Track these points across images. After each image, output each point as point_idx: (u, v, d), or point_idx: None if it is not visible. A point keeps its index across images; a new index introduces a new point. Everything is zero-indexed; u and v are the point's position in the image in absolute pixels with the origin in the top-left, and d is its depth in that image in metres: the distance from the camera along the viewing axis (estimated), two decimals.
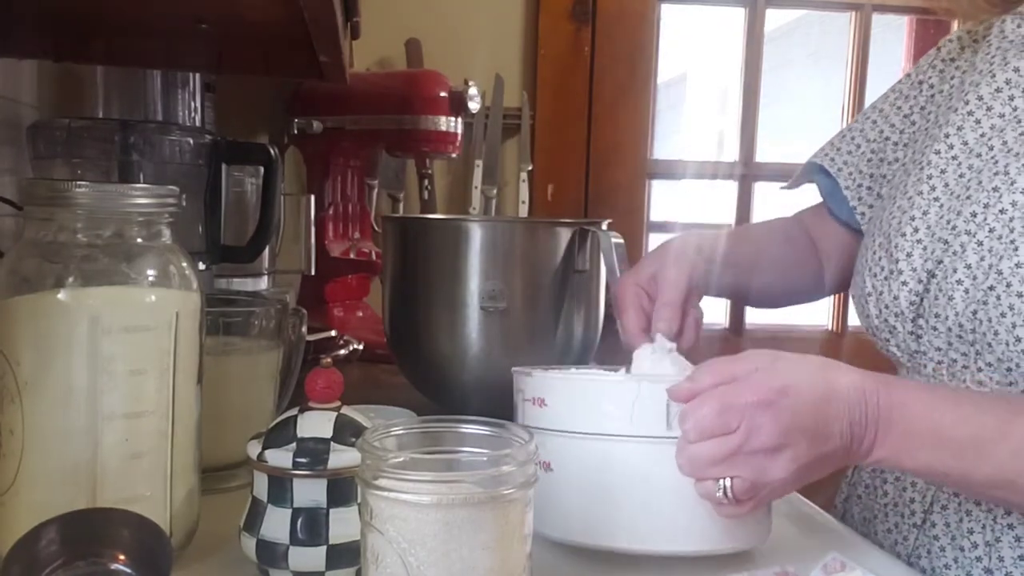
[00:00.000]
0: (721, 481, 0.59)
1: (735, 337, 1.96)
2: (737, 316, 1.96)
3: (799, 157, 1.02)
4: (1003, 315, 0.69)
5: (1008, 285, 0.69)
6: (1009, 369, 0.71)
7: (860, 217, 0.93)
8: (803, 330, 2.03)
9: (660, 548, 0.64)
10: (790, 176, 1.02)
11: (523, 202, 1.78)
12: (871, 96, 1.95)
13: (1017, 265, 0.69)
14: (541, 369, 0.71)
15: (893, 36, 2.02)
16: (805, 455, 0.60)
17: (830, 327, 2.01)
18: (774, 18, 1.93)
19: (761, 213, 1.96)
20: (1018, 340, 0.69)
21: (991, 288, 0.70)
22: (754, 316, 1.99)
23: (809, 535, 0.76)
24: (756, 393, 0.59)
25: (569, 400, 0.66)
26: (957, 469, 0.63)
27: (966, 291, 0.73)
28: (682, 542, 0.64)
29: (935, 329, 0.76)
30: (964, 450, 0.62)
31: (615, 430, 0.64)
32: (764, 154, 1.94)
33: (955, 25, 1.93)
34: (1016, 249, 0.70)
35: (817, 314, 2.03)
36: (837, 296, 1.98)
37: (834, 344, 1.96)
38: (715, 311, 2.00)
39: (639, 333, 0.83)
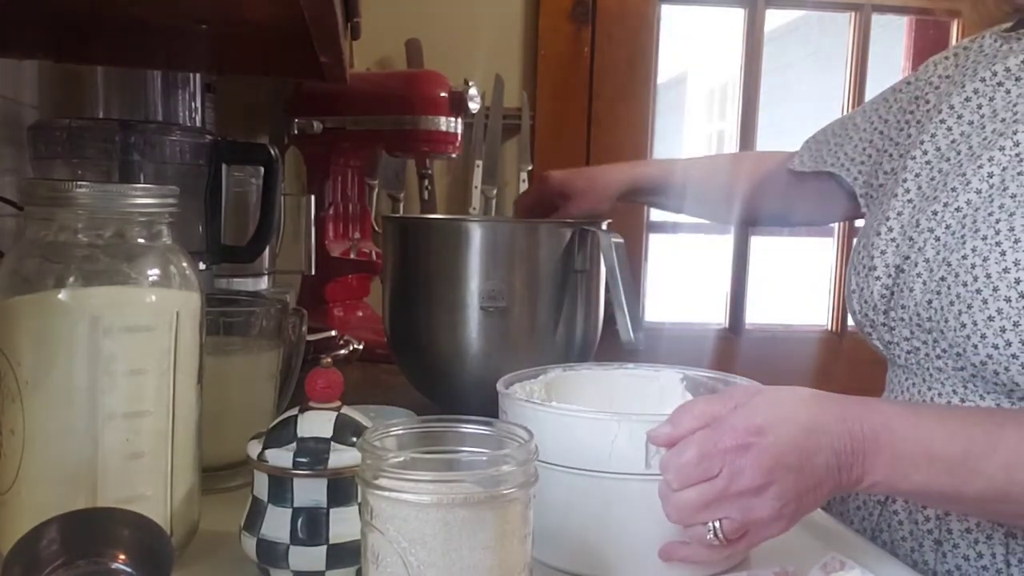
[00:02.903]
0: (711, 523, 0.60)
1: (734, 337, 1.96)
2: (737, 316, 1.96)
3: None
4: (951, 303, 0.74)
5: (956, 276, 0.74)
6: (959, 354, 0.75)
7: (865, 210, 0.98)
8: (803, 330, 2.03)
9: None
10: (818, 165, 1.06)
11: None
12: (871, 96, 1.95)
13: (963, 257, 0.74)
14: (522, 397, 0.70)
15: (893, 36, 2.02)
16: (792, 490, 0.60)
17: (830, 327, 2.00)
18: (774, 18, 1.93)
19: None
20: (963, 326, 0.73)
21: (943, 279, 0.76)
22: (754, 316, 1.99)
23: (808, 534, 0.76)
24: (735, 437, 0.59)
25: (546, 433, 0.64)
26: (951, 486, 0.63)
27: (924, 283, 0.78)
28: (662, 573, 0.64)
29: (902, 320, 0.81)
30: (956, 467, 0.63)
31: (593, 466, 0.64)
32: None
33: (954, 27, 1.94)
34: (964, 243, 0.75)
35: (817, 314, 2.04)
36: (837, 296, 1.98)
37: (834, 344, 1.96)
38: (715, 311, 2.01)
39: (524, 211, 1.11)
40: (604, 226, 1.00)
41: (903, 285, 0.81)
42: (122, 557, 0.51)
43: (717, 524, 0.60)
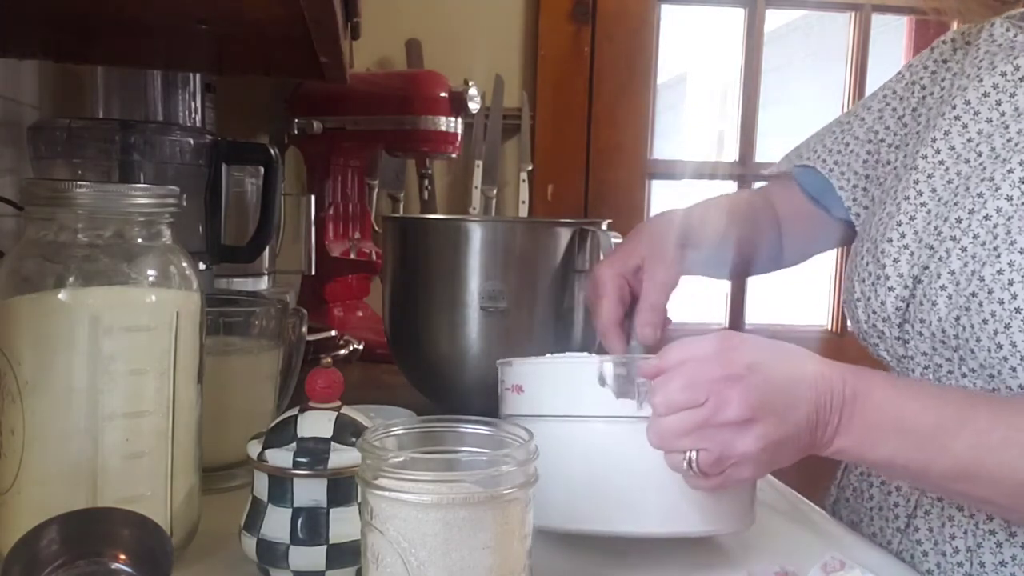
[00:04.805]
0: (688, 453, 0.59)
1: None
2: (736, 316, 1.96)
3: None
4: (985, 321, 0.69)
5: (990, 292, 0.69)
6: (991, 376, 0.70)
7: (855, 218, 0.93)
8: (803, 330, 2.03)
9: (633, 530, 0.64)
10: (789, 161, 1.01)
11: (523, 202, 1.78)
12: None
13: (999, 272, 0.68)
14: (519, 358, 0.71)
15: (893, 36, 2.02)
16: (773, 432, 0.60)
17: (830, 327, 2.01)
18: (774, 18, 1.93)
19: None
20: (999, 347, 0.68)
21: (973, 294, 0.70)
22: (754, 316, 1.99)
23: (809, 534, 0.77)
24: (725, 368, 0.59)
25: (542, 385, 0.67)
26: (917, 461, 0.62)
27: (949, 297, 0.72)
28: (658, 524, 0.64)
29: (920, 334, 0.76)
30: (924, 441, 0.62)
31: (587, 411, 0.64)
32: (764, 154, 1.94)
33: (955, 26, 1.94)
34: (999, 256, 0.69)
35: (817, 314, 2.04)
36: (837, 296, 1.98)
37: (834, 344, 1.96)
38: (714, 311, 2.00)
39: (614, 326, 0.83)
40: (604, 226, 1.00)
41: (923, 298, 0.75)
42: (122, 557, 0.51)
43: (694, 455, 0.59)
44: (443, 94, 1.46)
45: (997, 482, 0.62)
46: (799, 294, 2.21)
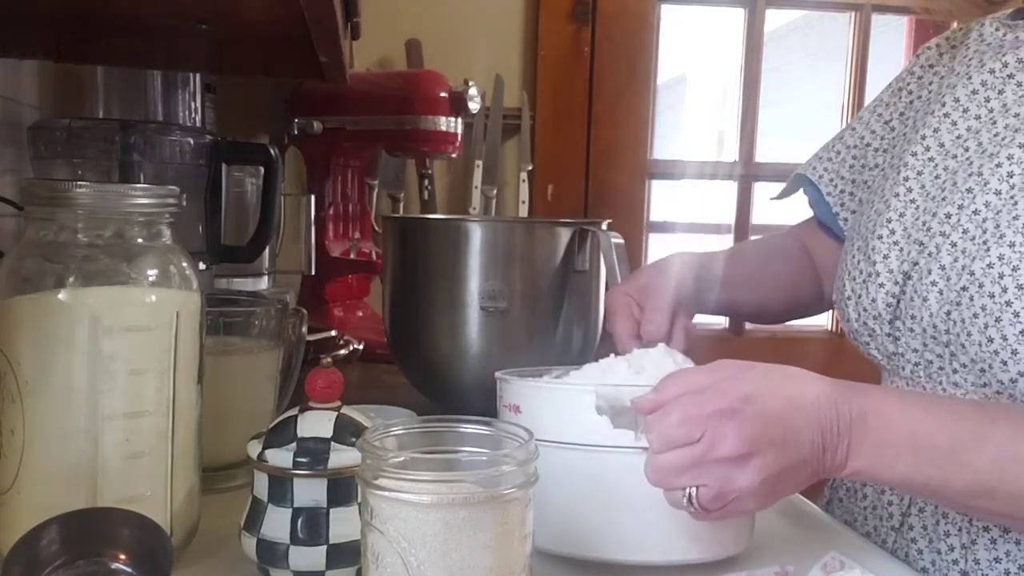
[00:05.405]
0: (687, 490, 0.58)
1: (735, 337, 1.96)
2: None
3: (799, 157, 1.03)
4: (975, 316, 0.69)
5: (980, 286, 0.69)
6: (983, 370, 0.70)
7: (843, 223, 0.94)
8: (803, 330, 2.03)
9: (630, 558, 0.64)
10: (790, 176, 1.02)
11: (523, 202, 1.78)
12: (870, 96, 1.95)
13: (989, 266, 0.69)
14: (518, 376, 0.71)
15: (893, 36, 2.02)
16: (773, 464, 0.58)
17: (830, 327, 2.01)
18: (774, 18, 1.93)
19: (760, 214, 1.96)
20: (990, 341, 0.68)
21: (964, 289, 0.70)
22: None
23: (809, 534, 0.77)
24: (720, 402, 0.58)
25: (541, 408, 0.66)
26: (936, 478, 0.61)
27: (940, 292, 0.72)
28: (654, 553, 0.64)
29: (911, 331, 0.76)
30: (942, 458, 0.61)
31: (584, 439, 0.64)
32: (764, 154, 1.94)
33: (954, 26, 1.94)
34: (988, 250, 0.69)
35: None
36: None
37: (834, 344, 1.96)
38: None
39: (629, 339, 0.85)
40: (604, 226, 1.00)
41: (913, 293, 0.75)
42: (122, 557, 0.51)
43: (694, 491, 0.58)
44: (443, 94, 1.46)
45: (1016, 497, 0.61)
46: None
